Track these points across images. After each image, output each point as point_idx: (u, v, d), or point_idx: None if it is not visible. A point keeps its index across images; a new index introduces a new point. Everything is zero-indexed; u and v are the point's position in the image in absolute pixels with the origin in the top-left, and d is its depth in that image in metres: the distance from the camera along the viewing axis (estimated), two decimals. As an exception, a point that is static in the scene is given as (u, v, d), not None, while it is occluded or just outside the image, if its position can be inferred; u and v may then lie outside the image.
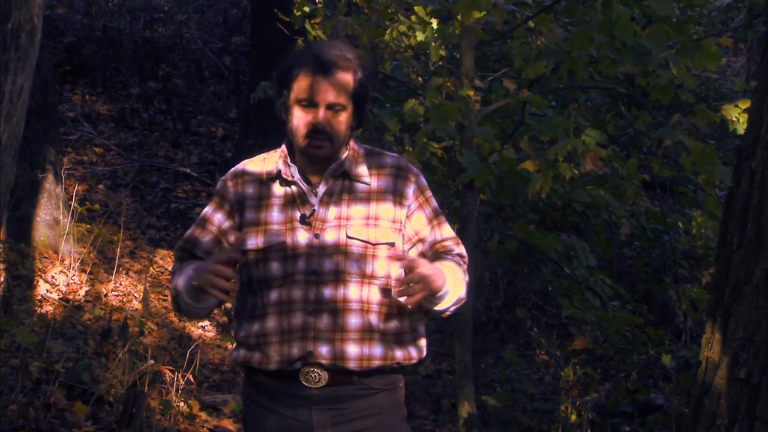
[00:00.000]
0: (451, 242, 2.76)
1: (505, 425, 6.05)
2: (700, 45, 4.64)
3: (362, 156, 2.73)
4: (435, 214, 2.75)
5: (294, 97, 2.64)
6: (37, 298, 6.59)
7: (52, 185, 7.24)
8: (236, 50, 12.14)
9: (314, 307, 2.60)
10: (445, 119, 4.92)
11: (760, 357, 3.43)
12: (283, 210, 2.67)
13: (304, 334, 2.60)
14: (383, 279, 2.66)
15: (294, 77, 2.64)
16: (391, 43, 5.59)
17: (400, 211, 2.69)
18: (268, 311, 2.64)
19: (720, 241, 3.64)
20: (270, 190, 2.70)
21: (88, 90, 10.99)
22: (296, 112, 2.63)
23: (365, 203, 2.68)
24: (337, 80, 2.61)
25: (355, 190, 2.69)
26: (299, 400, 2.63)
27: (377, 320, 2.64)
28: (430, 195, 2.77)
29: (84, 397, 5.14)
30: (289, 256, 2.63)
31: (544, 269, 7.30)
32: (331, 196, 2.67)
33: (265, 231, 2.66)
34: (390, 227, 2.67)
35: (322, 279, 2.61)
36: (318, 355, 2.59)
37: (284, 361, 2.61)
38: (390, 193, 2.69)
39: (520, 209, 6.89)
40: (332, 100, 2.61)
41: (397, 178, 2.71)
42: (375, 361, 2.63)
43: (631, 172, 5.60)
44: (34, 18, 3.32)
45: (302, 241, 2.63)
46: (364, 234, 2.64)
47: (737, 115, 4.69)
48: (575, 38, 4.82)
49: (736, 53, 12.85)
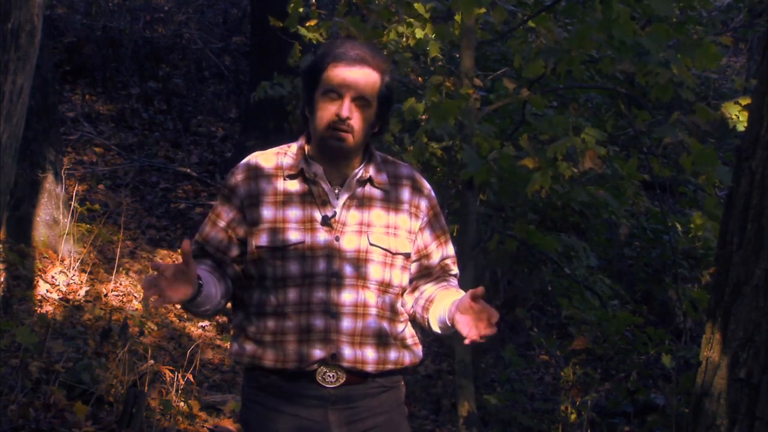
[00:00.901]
0: (451, 261, 2.82)
1: (505, 425, 6.05)
2: (700, 43, 4.64)
3: (380, 163, 2.73)
4: (443, 231, 2.79)
5: (321, 89, 2.61)
6: (37, 298, 6.59)
7: (52, 185, 7.24)
8: (236, 50, 12.14)
9: (336, 309, 2.61)
10: (445, 117, 4.92)
11: (760, 357, 3.43)
12: (302, 208, 2.64)
13: (327, 336, 2.60)
14: (398, 288, 2.69)
15: (324, 68, 2.62)
16: (389, 44, 5.59)
17: (415, 223, 2.72)
18: (287, 310, 2.62)
19: (720, 241, 3.64)
20: (287, 186, 2.66)
21: (88, 90, 11.00)
22: (321, 103, 2.61)
23: (385, 210, 2.69)
24: (365, 75, 2.61)
25: (375, 197, 2.69)
26: (314, 401, 2.63)
27: (390, 326, 2.68)
28: (440, 211, 2.81)
29: (84, 397, 5.14)
30: (308, 256, 2.61)
31: (544, 269, 7.30)
32: (353, 199, 2.66)
33: (283, 229, 2.63)
34: (407, 238, 2.70)
35: (343, 282, 2.62)
36: (340, 357, 2.60)
37: (303, 361, 2.60)
38: (407, 203, 2.72)
39: (520, 209, 6.89)
40: (359, 94, 2.60)
41: (413, 190, 2.74)
42: (389, 364, 2.68)
43: (631, 172, 5.60)
44: (34, 18, 3.32)
45: (322, 243, 2.62)
46: (385, 243, 2.66)
47: (737, 112, 4.69)
48: (575, 37, 4.82)
49: (736, 53, 12.86)
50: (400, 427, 2.76)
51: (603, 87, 6.31)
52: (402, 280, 2.70)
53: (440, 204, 2.91)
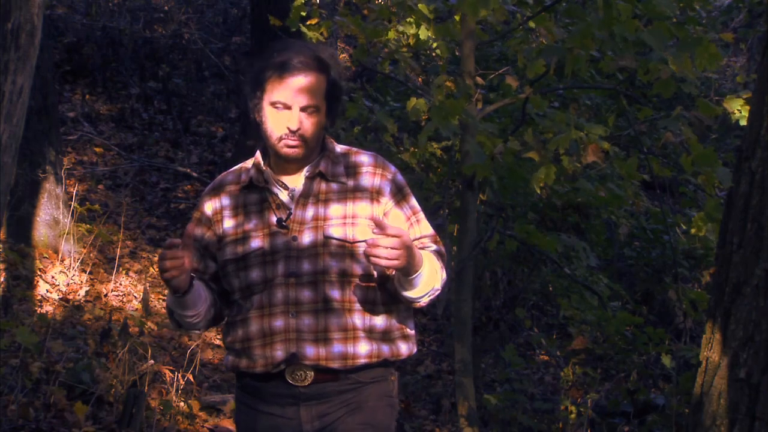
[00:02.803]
0: (428, 239, 2.74)
1: (505, 425, 6.05)
2: (700, 41, 4.63)
3: (338, 155, 2.73)
4: (413, 212, 2.73)
5: (267, 100, 2.63)
6: (37, 298, 6.59)
7: (52, 185, 7.24)
8: (236, 50, 12.13)
9: (295, 309, 2.61)
10: (447, 117, 4.91)
11: (760, 357, 3.43)
12: (259, 216, 2.68)
13: (287, 336, 2.61)
14: (365, 276, 2.64)
15: (266, 79, 2.63)
16: (390, 43, 5.59)
17: (378, 208, 2.67)
18: (250, 315, 2.65)
19: (720, 241, 3.64)
20: (246, 198, 2.71)
21: (88, 90, 10.99)
22: (270, 115, 2.63)
23: (342, 202, 2.67)
24: (310, 81, 2.61)
25: (331, 190, 2.68)
26: (287, 399, 2.65)
27: (361, 318, 2.64)
28: (408, 192, 2.75)
29: (84, 397, 5.14)
30: (268, 261, 2.64)
31: (544, 269, 7.30)
32: (307, 197, 2.67)
33: (243, 239, 2.67)
34: (368, 225, 2.64)
35: (302, 281, 2.62)
36: (302, 356, 2.60)
37: (269, 363, 2.63)
38: (367, 191, 2.68)
39: (520, 209, 6.89)
40: (306, 103, 2.61)
41: (373, 176, 2.70)
42: (360, 359, 2.64)
43: (630, 172, 5.60)
44: (34, 18, 3.32)
45: (280, 245, 2.63)
46: (342, 233, 2.63)
47: (739, 107, 4.68)
48: (575, 36, 4.81)
49: (736, 53, 12.84)
50: (376, 413, 2.68)
51: (604, 87, 6.31)
52: (369, 268, 2.64)
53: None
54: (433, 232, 2.77)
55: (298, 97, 2.60)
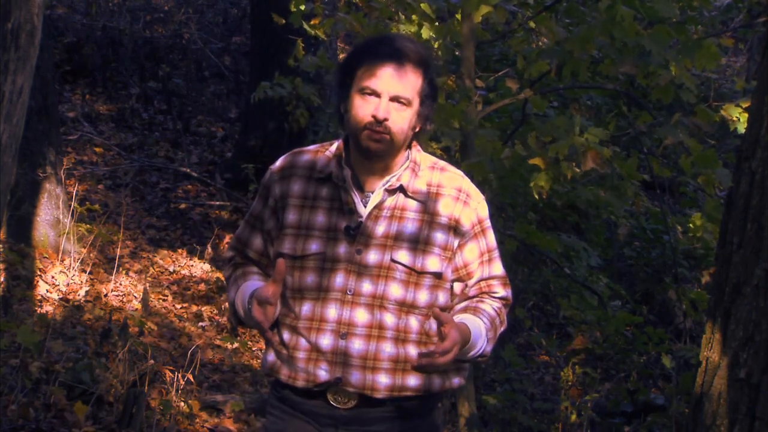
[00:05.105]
0: (497, 282, 2.55)
1: (505, 425, 6.05)
2: (700, 44, 4.64)
3: (423, 169, 2.50)
4: (488, 249, 2.53)
5: (356, 86, 2.41)
6: (37, 298, 6.59)
7: (53, 185, 7.24)
8: (236, 50, 12.13)
9: (347, 329, 2.42)
10: (447, 121, 4.90)
11: (760, 357, 3.43)
12: (328, 216, 2.46)
13: (334, 359, 2.42)
14: (424, 309, 2.44)
15: (360, 63, 2.42)
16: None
17: (453, 240, 2.47)
18: (299, 325, 2.46)
19: (720, 241, 3.65)
20: (317, 190, 2.49)
21: (88, 90, 10.99)
22: (356, 102, 2.41)
23: (417, 224, 2.45)
24: (406, 72, 2.40)
25: (408, 207, 2.46)
26: (326, 419, 2.48)
27: (416, 350, 2.44)
28: (488, 227, 2.54)
29: (84, 397, 5.13)
30: (326, 269, 2.44)
31: (544, 269, 7.30)
32: (381, 210, 2.45)
33: (306, 236, 2.46)
34: (439, 255, 2.45)
35: (358, 301, 2.42)
36: (346, 382, 2.42)
37: (310, 380, 2.45)
38: (446, 217, 2.46)
39: (520, 209, 6.89)
40: (396, 93, 2.39)
41: (456, 202, 2.48)
42: (407, 392, 2.45)
43: (630, 172, 5.60)
44: (34, 18, 3.32)
45: (342, 255, 2.43)
46: (410, 260, 2.43)
47: (738, 114, 4.69)
48: (576, 39, 4.82)
49: (736, 53, 12.85)
50: None
51: (604, 87, 6.31)
52: (434, 301, 2.45)
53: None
54: (504, 273, 2.57)
55: (389, 85, 2.38)
